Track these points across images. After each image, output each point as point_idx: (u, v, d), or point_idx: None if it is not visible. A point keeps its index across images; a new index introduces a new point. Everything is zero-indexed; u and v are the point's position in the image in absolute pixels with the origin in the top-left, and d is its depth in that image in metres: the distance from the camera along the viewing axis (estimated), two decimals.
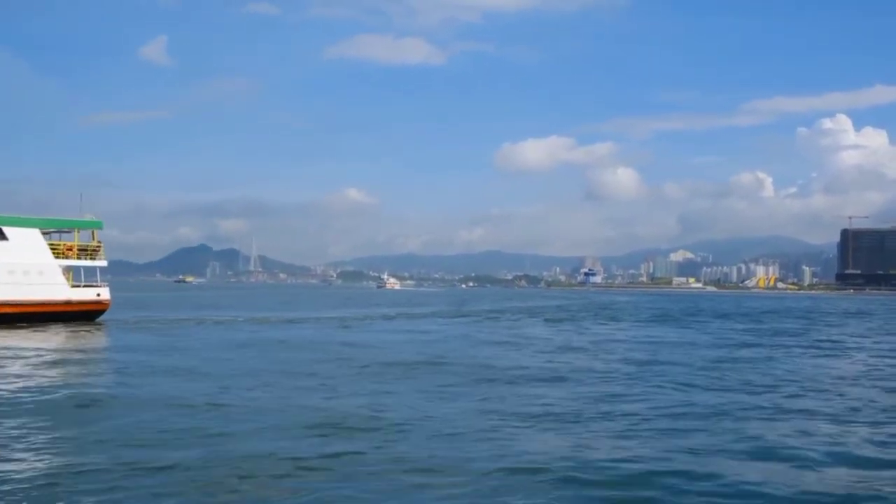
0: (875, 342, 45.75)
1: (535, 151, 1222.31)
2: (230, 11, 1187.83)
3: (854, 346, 42.67)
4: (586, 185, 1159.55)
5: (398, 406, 19.17)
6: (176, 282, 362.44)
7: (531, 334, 47.76)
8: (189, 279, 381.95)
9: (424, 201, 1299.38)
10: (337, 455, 13.84)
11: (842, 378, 26.90)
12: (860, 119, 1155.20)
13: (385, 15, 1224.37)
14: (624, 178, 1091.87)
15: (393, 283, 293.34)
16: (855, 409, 19.93)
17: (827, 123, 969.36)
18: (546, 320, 66.86)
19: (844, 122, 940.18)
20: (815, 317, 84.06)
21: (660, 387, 23.50)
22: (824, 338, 48.41)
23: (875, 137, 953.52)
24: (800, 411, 19.50)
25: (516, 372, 26.52)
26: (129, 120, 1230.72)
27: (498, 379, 24.68)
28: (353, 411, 18.12)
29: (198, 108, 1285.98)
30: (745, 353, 36.35)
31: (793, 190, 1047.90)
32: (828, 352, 38.13)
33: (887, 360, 33.66)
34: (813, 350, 38.89)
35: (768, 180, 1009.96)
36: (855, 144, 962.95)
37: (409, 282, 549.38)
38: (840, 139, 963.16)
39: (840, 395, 22.61)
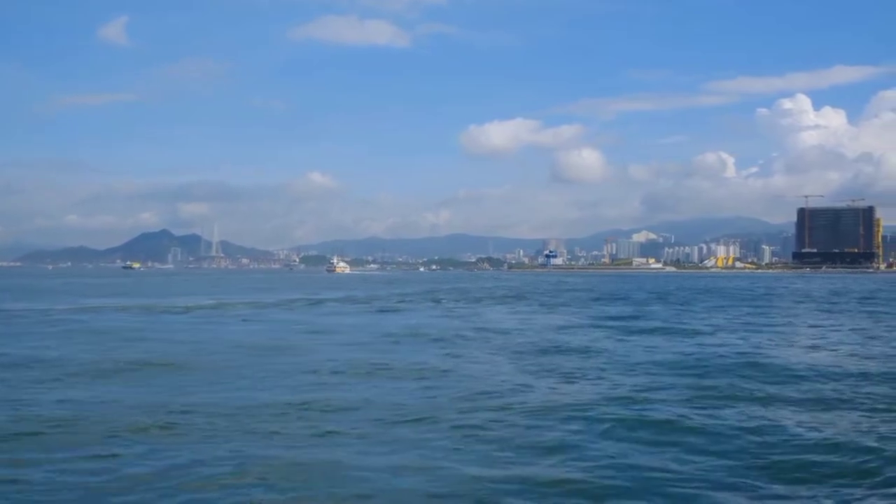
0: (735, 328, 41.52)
1: (501, 134, 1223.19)
2: None
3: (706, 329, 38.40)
4: (552, 168, 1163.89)
5: None
6: (123, 268, 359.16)
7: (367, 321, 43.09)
8: (135, 265, 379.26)
9: (390, 184, 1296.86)
10: None
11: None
12: (821, 99, 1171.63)
13: None
14: (589, 160, 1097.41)
15: (343, 268, 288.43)
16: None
17: (787, 103, 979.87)
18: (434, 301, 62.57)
19: (804, 101, 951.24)
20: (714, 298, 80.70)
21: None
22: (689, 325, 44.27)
23: (834, 117, 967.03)
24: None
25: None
26: (93, 103, 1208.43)
27: None
28: None
29: (161, 91, 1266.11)
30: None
31: (754, 170, 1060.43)
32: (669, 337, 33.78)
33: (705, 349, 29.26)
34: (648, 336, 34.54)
35: (731, 160, 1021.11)
36: (815, 124, 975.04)
37: (372, 266, 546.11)
38: (800, 119, 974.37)
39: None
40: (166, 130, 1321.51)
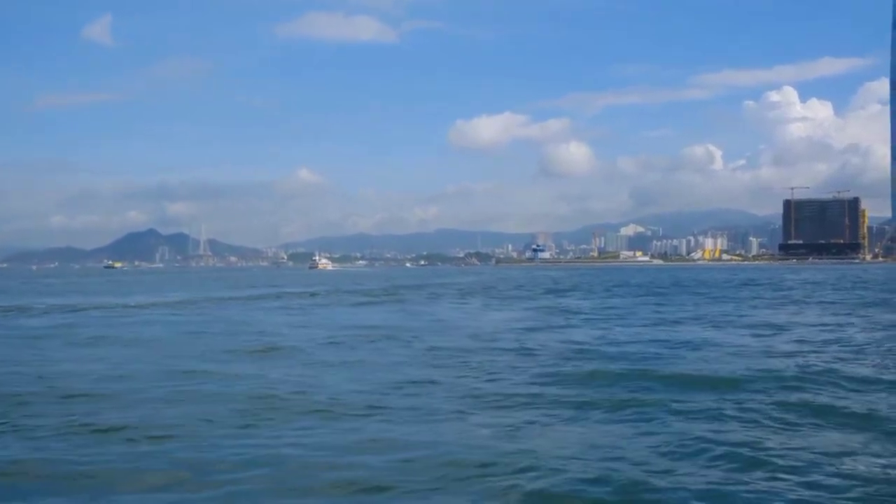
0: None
1: (489, 128, 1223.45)
2: None
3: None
4: (540, 162, 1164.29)
5: None
6: (105, 267, 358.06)
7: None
8: (117, 265, 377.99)
9: (378, 180, 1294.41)
10: None
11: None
12: (808, 91, 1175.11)
13: None
14: (578, 154, 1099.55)
15: (325, 264, 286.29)
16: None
17: (773, 96, 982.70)
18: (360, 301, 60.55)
19: (790, 94, 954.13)
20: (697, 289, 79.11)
21: None
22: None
23: (821, 109, 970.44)
24: None
25: None
26: (76, 102, 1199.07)
27: None
28: None
29: (147, 89, 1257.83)
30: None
31: (741, 162, 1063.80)
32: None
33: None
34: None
35: (718, 153, 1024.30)
36: (801, 116, 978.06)
37: (360, 262, 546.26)
38: (787, 111, 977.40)
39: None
40: (152, 129, 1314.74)
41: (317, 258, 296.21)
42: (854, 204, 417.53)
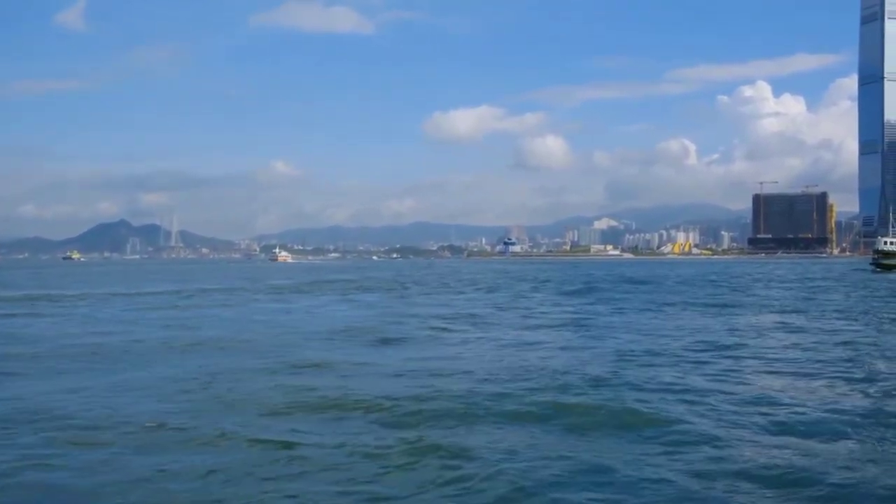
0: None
1: (466, 121, 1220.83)
2: None
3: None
4: (516, 155, 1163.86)
5: None
6: (63, 258, 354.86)
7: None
8: (75, 256, 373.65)
9: (354, 173, 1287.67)
10: None
11: None
12: (782, 87, 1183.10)
13: None
14: (554, 147, 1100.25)
15: (284, 257, 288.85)
16: None
17: (747, 91, 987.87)
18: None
19: (764, 89, 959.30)
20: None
21: None
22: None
23: (793, 105, 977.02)
24: None
25: None
26: (48, 89, 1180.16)
27: None
28: None
29: (120, 77, 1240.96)
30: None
31: (715, 157, 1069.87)
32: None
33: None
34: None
35: (692, 148, 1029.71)
36: (774, 112, 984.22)
37: (332, 254, 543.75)
38: (760, 106, 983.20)
39: None
40: (125, 118, 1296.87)
41: (277, 251, 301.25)
42: (822, 199, 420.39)
